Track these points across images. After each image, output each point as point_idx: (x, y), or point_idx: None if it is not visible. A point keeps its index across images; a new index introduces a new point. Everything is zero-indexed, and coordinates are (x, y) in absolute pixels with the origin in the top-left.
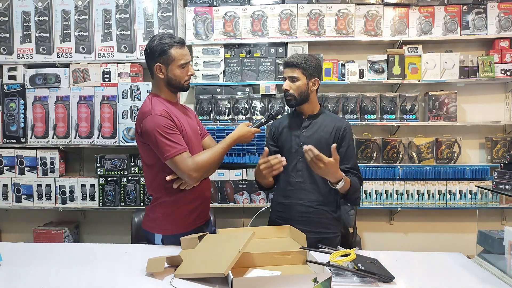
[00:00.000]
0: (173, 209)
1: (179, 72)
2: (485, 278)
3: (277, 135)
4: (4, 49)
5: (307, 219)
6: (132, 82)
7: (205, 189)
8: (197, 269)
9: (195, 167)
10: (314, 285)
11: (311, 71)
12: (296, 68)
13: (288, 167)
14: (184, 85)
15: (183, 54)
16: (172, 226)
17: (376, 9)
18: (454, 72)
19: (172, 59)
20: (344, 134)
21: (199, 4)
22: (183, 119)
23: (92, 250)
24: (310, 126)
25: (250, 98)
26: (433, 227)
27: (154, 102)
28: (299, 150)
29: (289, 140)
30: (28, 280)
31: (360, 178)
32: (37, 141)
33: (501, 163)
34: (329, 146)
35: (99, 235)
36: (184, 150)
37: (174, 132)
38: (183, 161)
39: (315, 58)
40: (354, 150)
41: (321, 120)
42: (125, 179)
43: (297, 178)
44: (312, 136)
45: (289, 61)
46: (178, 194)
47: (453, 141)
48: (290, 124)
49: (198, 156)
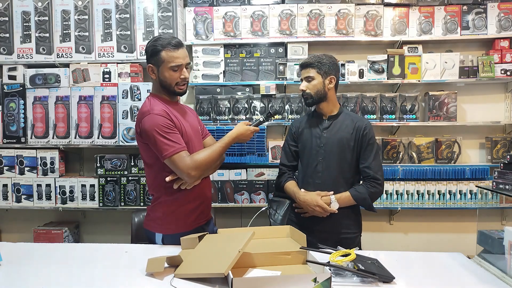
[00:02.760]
0: (174, 209)
1: (168, 74)
2: (485, 278)
3: (297, 135)
4: (4, 49)
5: (328, 220)
6: (132, 82)
7: (206, 189)
8: (197, 269)
9: (194, 166)
10: (314, 285)
11: (325, 69)
12: (310, 68)
13: (308, 168)
14: (175, 89)
15: (174, 57)
16: (173, 226)
17: (376, 9)
18: (454, 72)
19: (162, 61)
20: (364, 133)
21: (199, 4)
22: (183, 119)
23: (92, 250)
24: (330, 127)
25: (250, 98)
26: (433, 227)
27: (153, 102)
28: (320, 151)
29: (310, 141)
30: (28, 280)
31: (375, 181)
32: (37, 141)
33: (501, 163)
34: (350, 146)
35: (99, 235)
36: (182, 149)
37: (173, 131)
38: (182, 159)
39: (330, 56)
40: (374, 150)
41: (342, 120)
42: (125, 179)
43: (317, 179)
44: (333, 137)
45: (304, 62)
46: (178, 193)
47: (453, 141)
48: (311, 124)
49: (197, 154)
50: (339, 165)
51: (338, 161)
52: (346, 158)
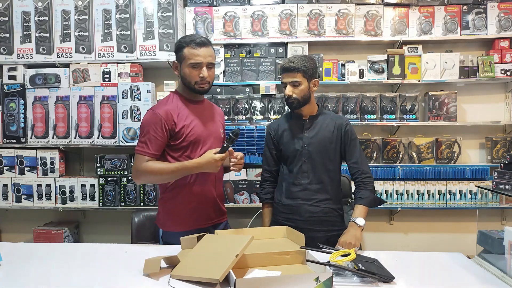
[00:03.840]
0: (171, 206)
1: (188, 71)
2: (485, 278)
3: (277, 138)
4: (4, 49)
5: (316, 219)
6: (132, 82)
7: (209, 191)
8: (192, 272)
9: (141, 171)
10: (316, 284)
11: (310, 72)
12: (297, 72)
13: (293, 169)
14: (194, 87)
15: (195, 54)
16: (171, 223)
17: (376, 9)
18: (454, 72)
19: (183, 58)
20: (346, 130)
21: (199, 4)
22: (197, 119)
23: (92, 250)
24: (312, 127)
25: (250, 98)
26: (433, 227)
27: (167, 100)
28: (304, 152)
29: (292, 142)
30: (28, 280)
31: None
32: (37, 141)
33: (501, 163)
34: (332, 144)
35: (99, 235)
36: (147, 154)
37: (155, 135)
38: (139, 160)
39: (311, 58)
40: (357, 145)
41: (322, 120)
42: (125, 179)
43: (302, 179)
44: (315, 136)
45: (289, 66)
46: (175, 191)
47: (453, 141)
48: (291, 126)
49: (153, 163)
50: (323, 163)
51: (322, 160)
52: (329, 156)
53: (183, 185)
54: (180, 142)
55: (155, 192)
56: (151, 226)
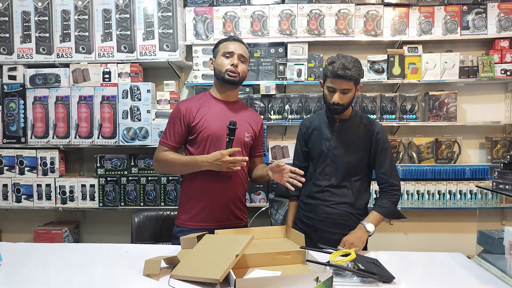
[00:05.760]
0: (183, 202)
1: (220, 61)
2: (485, 278)
3: (307, 136)
4: (4, 49)
5: (332, 221)
6: (132, 82)
7: (219, 193)
8: (192, 272)
9: (157, 159)
10: (316, 284)
11: (359, 79)
12: (350, 81)
13: (316, 170)
14: (224, 75)
15: (228, 45)
16: (182, 217)
17: (376, 9)
18: (454, 72)
19: (218, 51)
20: (377, 138)
21: (199, 4)
22: (218, 120)
23: (92, 250)
24: (341, 130)
25: (250, 98)
26: (433, 227)
27: (196, 96)
28: (329, 154)
29: (319, 143)
30: (28, 280)
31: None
32: (37, 141)
33: (501, 163)
34: (360, 151)
35: (99, 235)
36: (165, 144)
37: (174, 128)
38: (159, 149)
39: (359, 62)
40: (388, 154)
41: (354, 124)
42: (125, 179)
43: (323, 181)
44: (343, 141)
45: (345, 73)
46: (190, 186)
47: (453, 141)
48: (321, 125)
49: (169, 154)
50: (348, 168)
51: (346, 165)
52: (355, 162)
53: (195, 181)
54: (195, 137)
55: (155, 192)
56: (151, 226)
